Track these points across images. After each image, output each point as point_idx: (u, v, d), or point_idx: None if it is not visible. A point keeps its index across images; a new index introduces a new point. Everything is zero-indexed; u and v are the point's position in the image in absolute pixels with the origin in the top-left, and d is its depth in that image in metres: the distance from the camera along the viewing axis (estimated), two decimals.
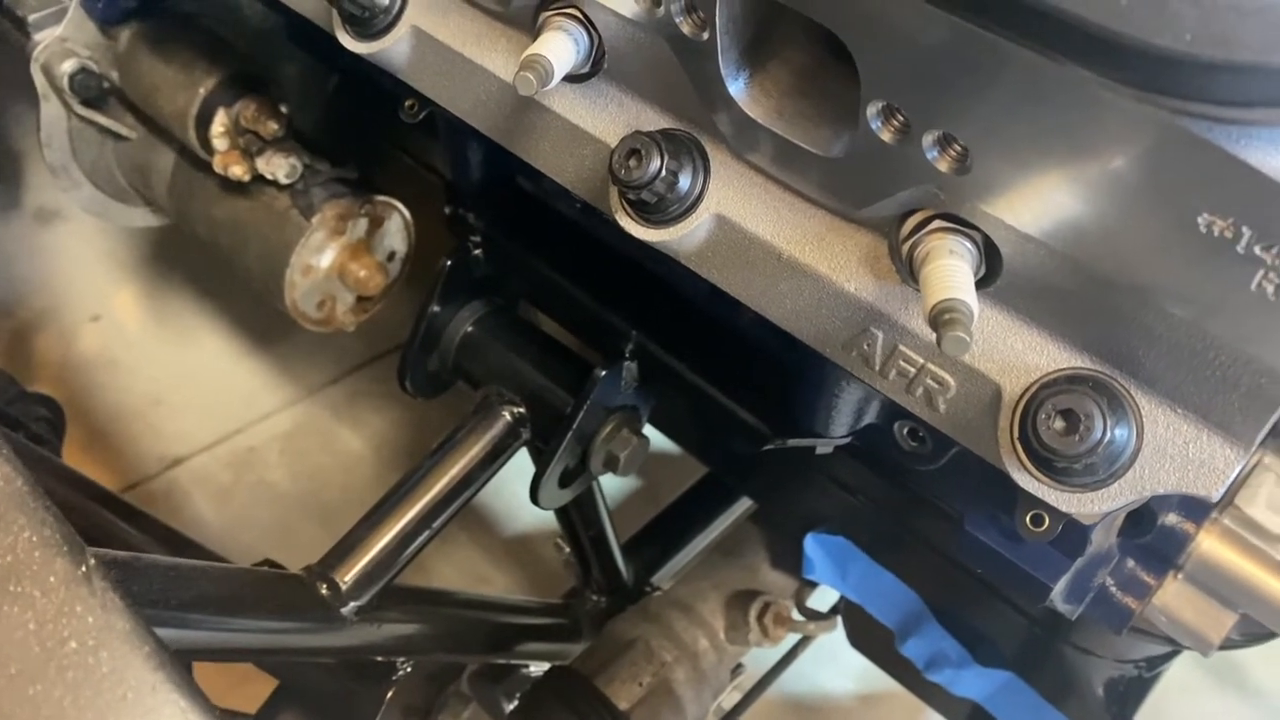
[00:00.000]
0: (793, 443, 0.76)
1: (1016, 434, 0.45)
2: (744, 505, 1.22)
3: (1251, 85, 0.31)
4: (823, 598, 1.11)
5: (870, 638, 1.02)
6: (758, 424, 0.76)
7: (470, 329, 0.88)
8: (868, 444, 0.83)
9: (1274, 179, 0.34)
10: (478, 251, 0.86)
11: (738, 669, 1.10)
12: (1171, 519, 0.71)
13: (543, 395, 0.83)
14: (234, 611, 0.72)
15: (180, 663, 0.38)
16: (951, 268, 0.43)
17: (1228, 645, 0.75)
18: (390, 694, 0.89)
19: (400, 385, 0.89)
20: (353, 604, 0.79)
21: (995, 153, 0.41)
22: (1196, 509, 0.71)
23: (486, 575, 1.54)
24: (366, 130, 1.13)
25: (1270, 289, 0.36)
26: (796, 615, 1.05)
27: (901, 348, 0.49)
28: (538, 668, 1.07)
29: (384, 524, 0.81)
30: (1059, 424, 0.43)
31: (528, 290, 0.88)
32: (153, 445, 1.67)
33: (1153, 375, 0.43)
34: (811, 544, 0.99)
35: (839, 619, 1.06)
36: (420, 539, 0.81)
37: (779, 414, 0.75)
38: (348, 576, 0.79)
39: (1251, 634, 0.77)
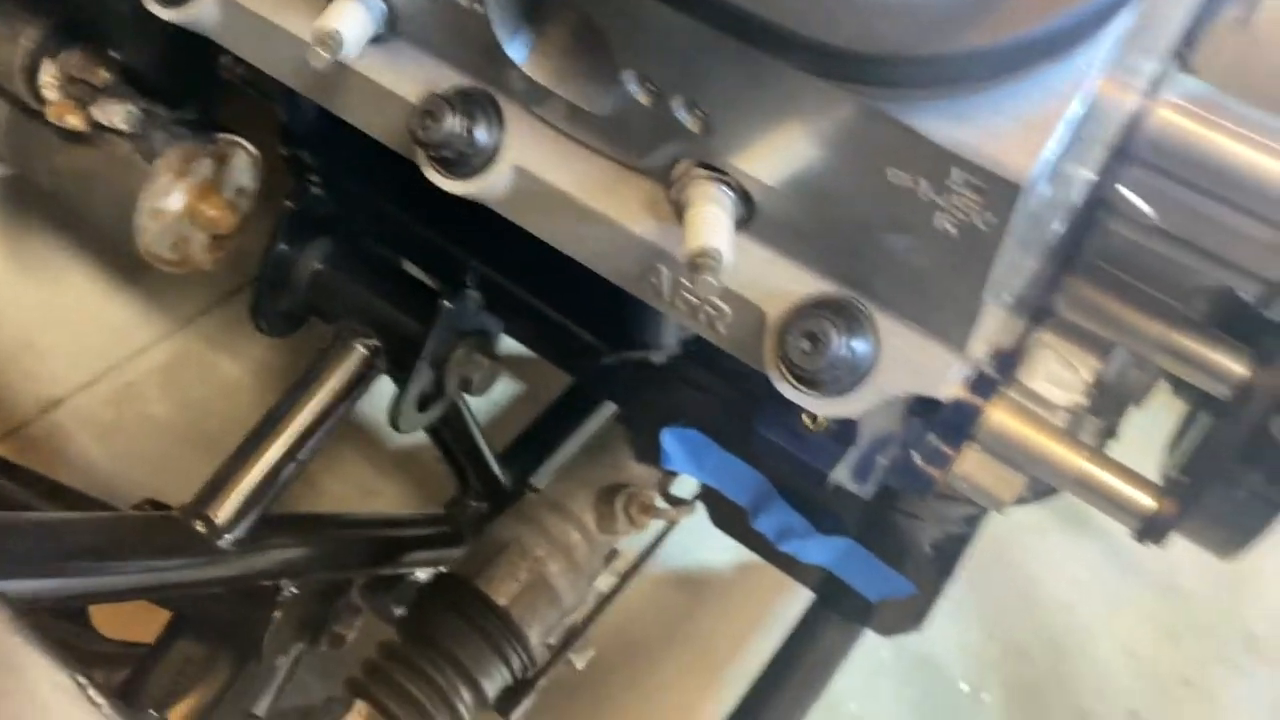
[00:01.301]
0: (628, 355, 0.82)
1: (777, 352, 0.51)
2: (612, 406, 1.29)
3: (902, 72, 0.37)
4: (685, 485, 1.19)
5: (728, 517, 1.11)
6: (594, 340, 0.82)
7: (319, 266, 0.91)
8: (701, 349, 0.90)
9: (931, 140, 0.40)
10: (317, 190, 0.89)
11: (613, 555, 1.18)
12: (963, 396, 0.79)
13: (394, 327, 0.87)
14: (113, 557, 0.77)
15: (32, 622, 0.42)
16: (707, 214, 0.48)
17: (1021, 501, 0.85)
18: (278, 615, 0.95)
19: (255, 325, 0.92)
20: (229, 537, 0.84)
21: (731, 118, 0.46)
22: (985, 386, 0.80)
23: (375, 487, 1.59)
24: (204, 69, 1.12)
25: (949, 226, 0.43)
26: (661, 503, 1.13)
27: (683, 281, 0.55)
28: (426, 574, 1.14)
29: (250, 460, 0.85)
30: (805, 344, 0.49)
31: (370, 226, 0.92)
32: (29, 389, 1.66)
33: (886, 296, 0.50)
34: (668, 438, 1.06)
35: (699, 503, 1.15)
36: (288, 471, 0.86)
37: (612, 331, 0.81)
38: (221, 512, 0.84)
39: (1040, 491, 0.87)
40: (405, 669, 0.99)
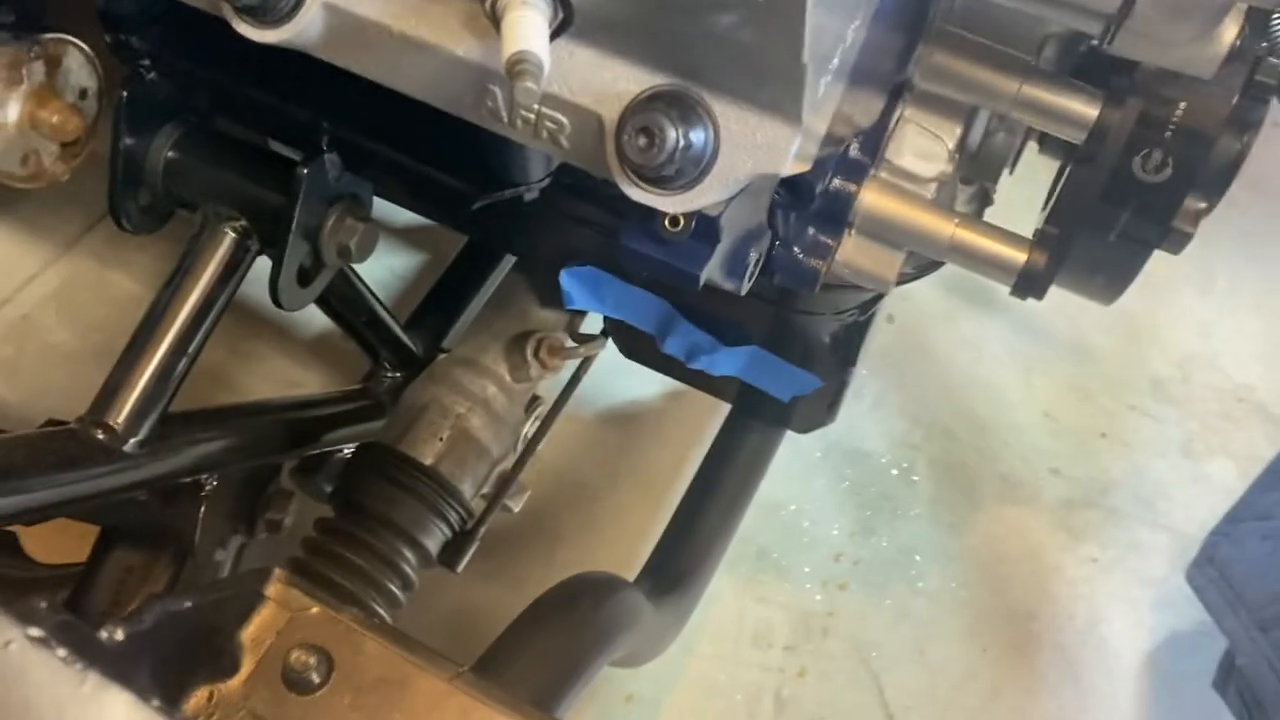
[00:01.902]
0: (499, 195, 0.81)
1: (618, 155, 0.51)
2: (511, 259, 1.28)
3: None
4: (593, 323, 1.20)
5: (638, 346, 1.12)
6: (463, 185, 0.81)
7: (171, 154, 0.88)
8: (577, 179, 0.89)
9: None
10: (152, 75, 0.85)
11: (534, 402, 1.19)
12: (836, 183, 0.80)
13: (259, 203, 0.85)
14: (15, 476, 0.76)
15: None
16: (522, 19, 0.47)
17: (904, 280, 0.88)
18: (203, 510, 0.95)
19: (118, 225, 0.89)
20: (133, 440, 0.83)
21: None
22: (855, 170, 0.80)
23: (297, 379, 1.58)
24: None
25: None
26: (569, 343, 1.14)
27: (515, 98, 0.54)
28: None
29: (140, 361, 0.84)
30: (641, 141, 0.49)
31: (213, 104, 0.88)
32: None
33: (716, 81, 0.50)
34: (566, 278, 1.06)
35: (607, 338, 1.16)
36: (180, 366, 0.85)
37: (475, 172, 0.79)
38: (120, 417, 0.83)
39: (921, 266, 0.89)
40: (344, 541, 1.01)
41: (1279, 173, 1.80)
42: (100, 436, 0.82)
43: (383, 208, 1.35)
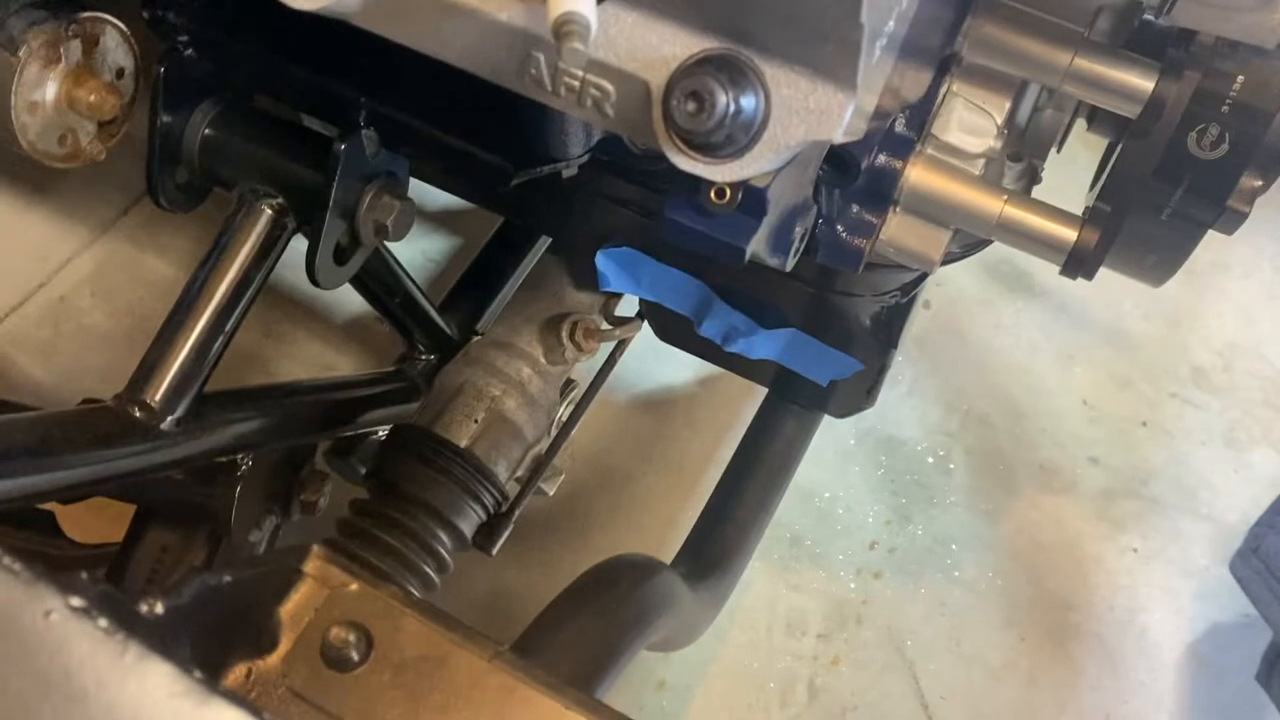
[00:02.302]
0: (537, 172, 0.80)
1: (666, 123, 0.50)
2: (546, 240, 1.27)
3: None
4: (629, 305, 1.19)
5: (674, 329, 1.11)
6: (501, 162, 0.80)
7: (209, 131, 0.87)
8: (616, 156, 0.88)
9: None
10: (189, 51, 0.84)
11: (569, 385, 1.19)
12: (881, 160, 0.78)
13: (296, 180, 0.84)
14: (51, 453, 0.76)
15: None
16: None
17: (950, 259, 0.86)
18: (239, 489, 0.95)
19: (155, 203, 0.89)
20: (170, 418, 0.83)
21: None
22: (901, 146, 0.79)
23: (332, 363, 1.58)
24: None
25: None
26: (605, 325, 1.13)
27: (561, 65, 0.53)
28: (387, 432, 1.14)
29: (177, 339, 0.83)
30: (690, 105, 0.48)
31: (251, 80, 0.88)
32: None
33: (768, 44, 0.48)
34: (602, 259, 1.06)
35: (643, 321, 1.15)
36: (217, 345, 0.85)
37: (514, 147, 0.78)
38: (157, 395, 0.82)
39: (968, 245, 0.87)
40: (380, 522, 1.00)
41: None
42: (137, 414, 0.82)
43: (417, 191, 1.35)
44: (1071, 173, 1.03)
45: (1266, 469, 1.56)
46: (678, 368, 1.58)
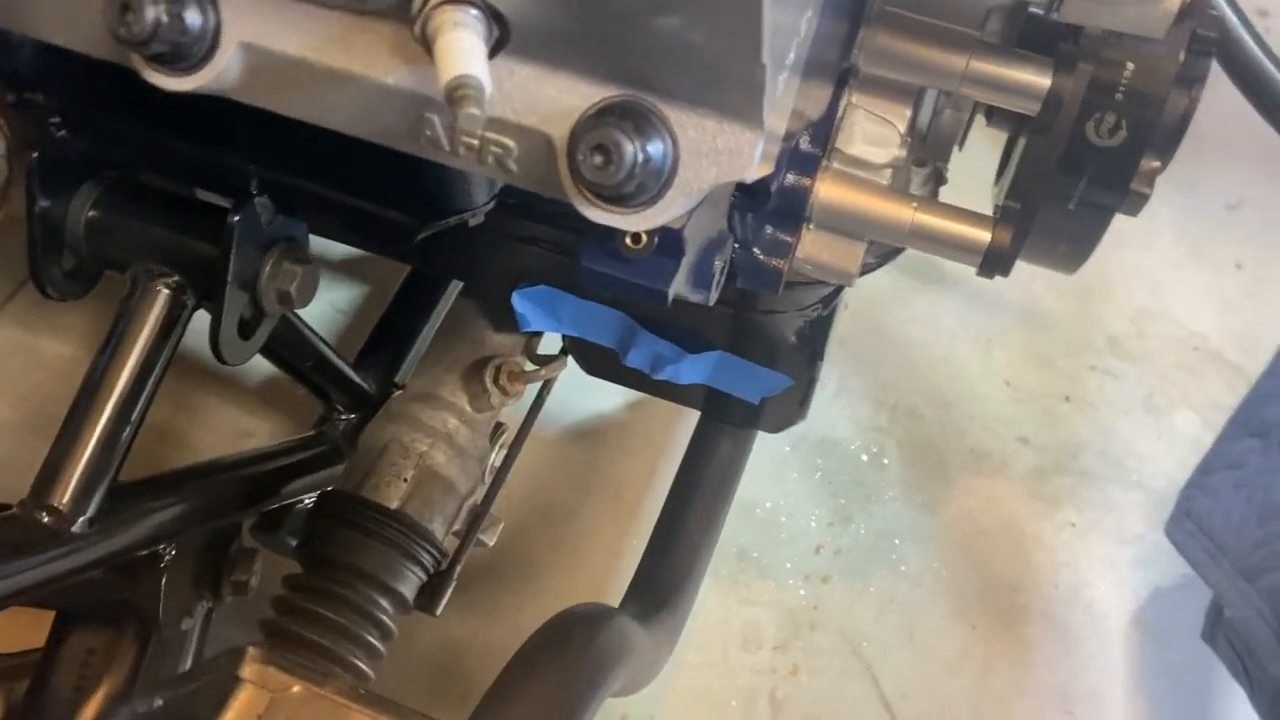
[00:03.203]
0: (443, 224, 0.77)
1: (572, 176, 0.48)
2: (457, 284, 1.24)
3: None
4: (553, 342, 1.16)
5: (600, 362, 1.09)
6: (403, 218, 0.77)
7: (92, 214, 0.83)
8: (521, 198, 0.86)
9: None
10: (64, 133, 0.80)
11: (498, 430, 1.16)
12: (789, 180, 0.78)
13: (191, 256, 0.81)
14: None
15: None
16: (455, 41, 0.44)
17: (867, 270, 0.86)
18: (164, 581, 0.90)
19: (42, 293, 0.84)
20: (81, 519, 0.78)
21: None
22: (808, 163, 0.78)
23: (249, 429, 1.53)
24: None
25: None
26: (529, 366, 1.11)
27: (458, 125, 0.51)
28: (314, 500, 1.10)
29: (81, 436, 0.79)
30: (597, 159, 0.46)
31: (133, 158, 0.84)
32: None
33: (669, 89, 0.47)
34: (519, 300, 1.03)
35: (567, 357, 1.13)
36: (124, 436, 0.81)
37: (418, 202, 0.76)
38: (65, 497, 0.78)
39: (883, 254, 0.87)
40: (316, 597, 0.96)
41: (1210, 123, 1.82)
42: (45, 519, 0.77)
43: (319, 242, 1.31)
44: (970, 161, 1.04)
45: (1188, 430, 1.60)
46: (606, 395, 1.56)
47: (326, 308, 1.60)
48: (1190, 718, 1.41)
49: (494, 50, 0.48)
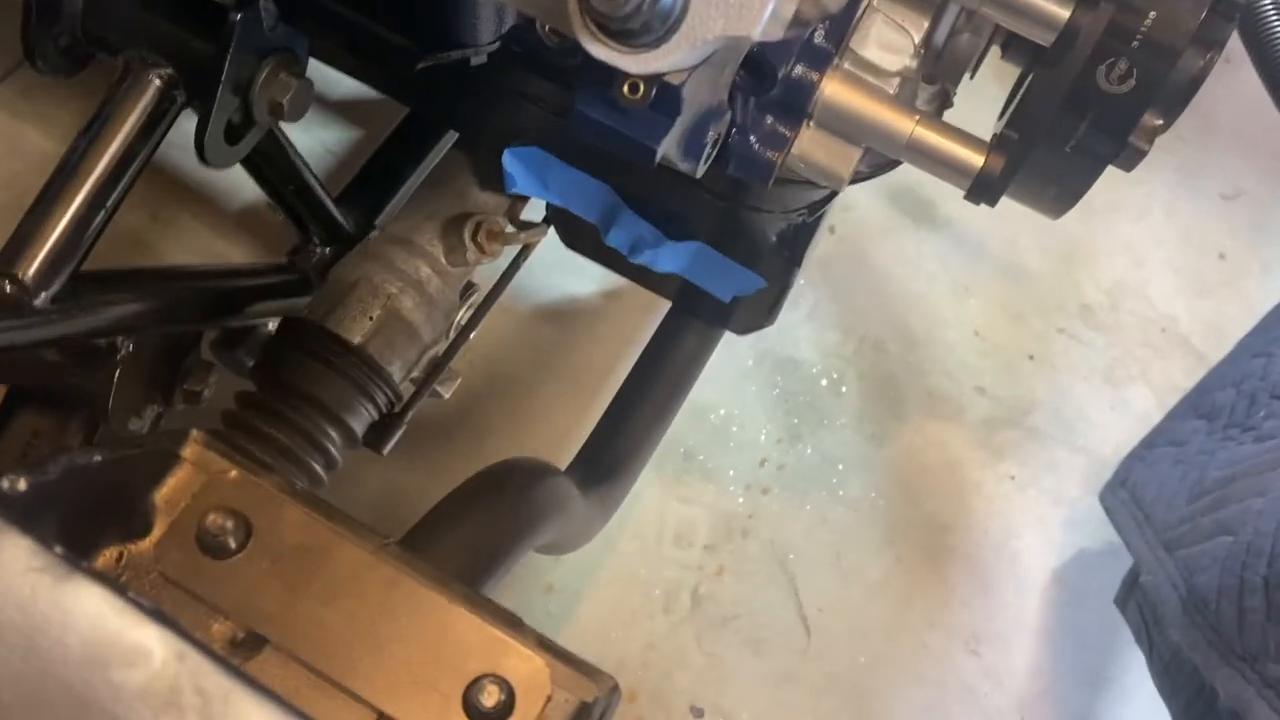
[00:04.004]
0: (444, 57, 0.77)
1: (580, 4, 0.48)
2: (453, 135, 1.23)
3: None
4: (536, 210, 1.16)
5: (580, 237, 1.10)
6: (406, 43, 0.76)
7: None
8: (528, 49, 0.85)
9: None
10: None
11: (469, 289, 1.16)
12: (798, 71, 0.77)
13: (187, 51, 0.79)
14: None
15: None
16: None
17: (858, 179, 0.86)
18: (118, 373, 0.91)
19: (31, 64, 0.83)
20: (44, 294, 0.79)
21: None
22: (818, 59, 0.78)
23: (220, 252, 1.53)
24: None
25: None
26: (510, 228, 1.11)
27: None
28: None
29: (53, 213, 0.79)
30: None
31: None
32: None
33: None
34: (509, 158, 1.03)
35: (549, 227, 1.13)
36: (97, 220, 0.80)
37: (423, 29, 0.75)
38: (30, 270, 0.78)
39: (876, 165, 0.87)
40: (266, 415, 0.98)
41: (1223, 109, 1.82)
42: (8, 289, 0.77)
43: (318, 77, 1.29)
44: (979, 104, 1.04)
45: (1141, 406, 1.63)
46: (583, 279, 1.57)
47: (318, 145, 1.59)
48: (1089, 674, 1.46)
49: None
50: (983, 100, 1.02)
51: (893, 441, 1.56)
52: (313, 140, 1.59)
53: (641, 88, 0.54)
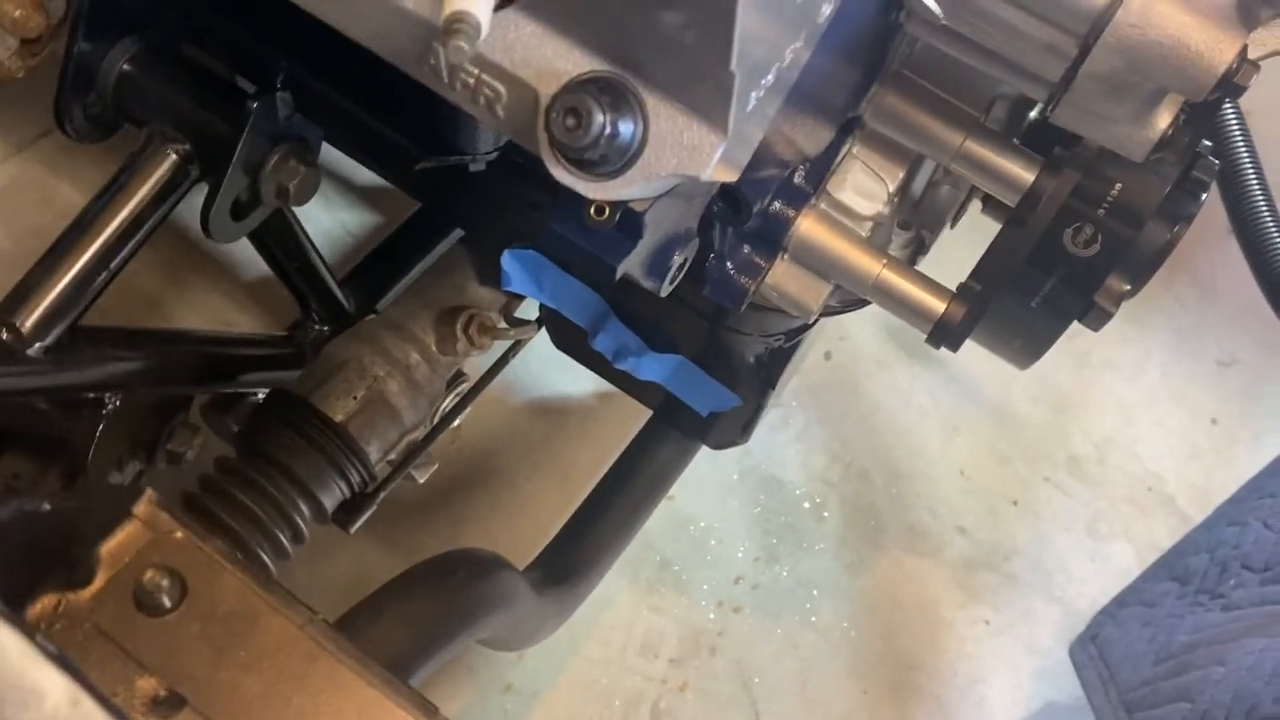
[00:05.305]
0: (442, 160, 0.81)
1: (546, 133, 0.52)
2: (460, 232, 1.28)
3: None
4: (530, 310, 1.20)
5: (570, 338, 1.13)
6: (406, 143, 0.81)
7: (127, 67, 0.87)
8: (529, 160, 0.90)
9: None
10: None
11: (458, 377, 1.19)
12: (775, 207, 0.81)
13: (205, 130, 0.85)
14: None
15: None
16: None
17: (828, 312, 0.89)
18: (102, 427, 0.94)
19: (60, 128, 0.88)
20: (38, 344, 0.82)
21: None
22: (796, 197, 0.81)
23: (231, 319, 1.57)
24: None
25: None
26: (502, 324, 1.15)
27: (448, 60, 0.54)
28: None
29: (58, 267, 0.83)
30: (569, 121, 0.50)
31: (176, 24, 0.88)
32: None
33: (654, 75, 0.50)
34: (507, 258, 1.07)
35: (540, 327, 1.16)
36: (100, 279, 0.84)
37: (424, 133, 0.80)
38: (28, 320, 0.82)
39: (846, 301, 0.91)
40: (239, 483, 1.00)
41: (1224, 277, 1.85)
42: (4, 336, 0.81)
43: (346, 164, 1.34)
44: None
45: (1121, 562, 1.62)
46: (578, 378, 1.59)
47: (338, 226, 1.64)
48: None
49: (506, 2, 0.51)
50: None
51: (869, 572, 1.56)
52: (334, 221, 1.64)
53: (607, 211, 0.57)
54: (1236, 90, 0.56)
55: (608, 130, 0.50)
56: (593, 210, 0.58)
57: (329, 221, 1.65)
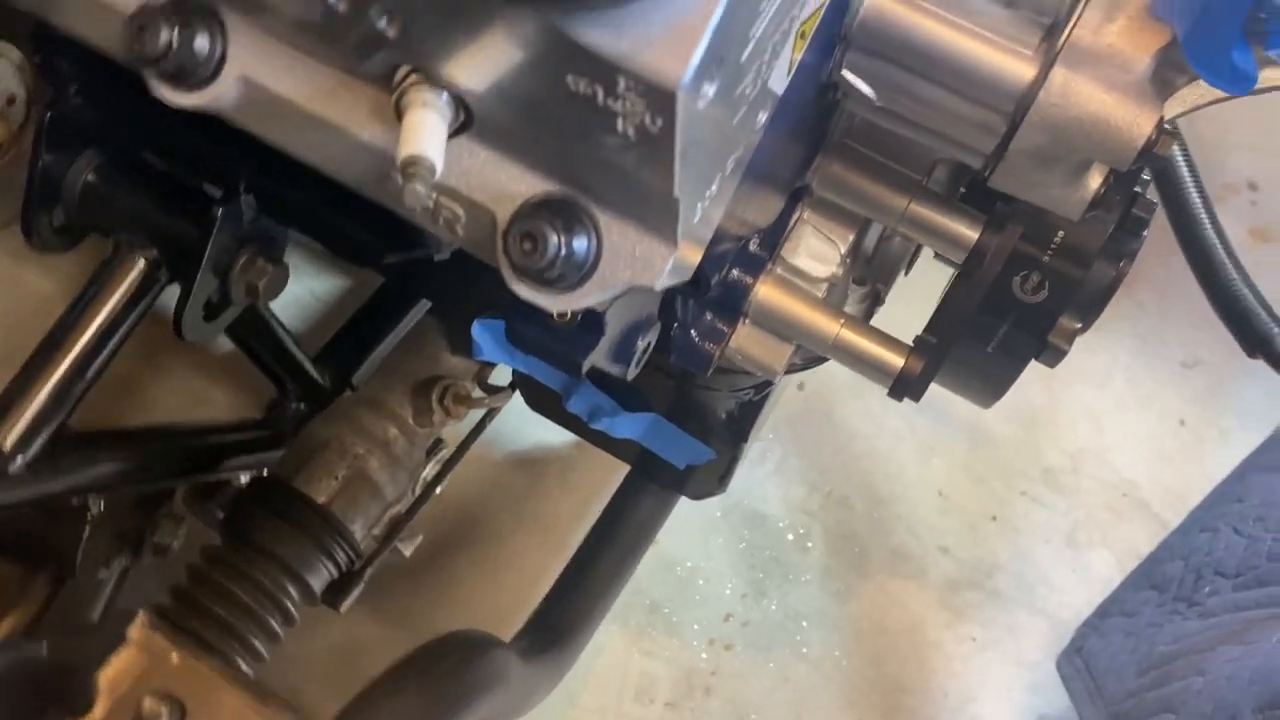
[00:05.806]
0: (408, 253, 0.83)
1: (506, 255, 0.54)
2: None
3: None
4: (503, 373, 1.22)
5: (543, 401, 1.15)
6: (372, 240, 0.83)
7: (90, 179, 0.88)
8: None
9: (595, 51, 0.43)
10: (78, 100, 0.86)
11: (437, 445, 1.21)
12: (734, 275, 0.84)
13: (171, 237, 0.86)
14: None
15: None
16: (420, 120, 0.50)
17: (792, 369, 0.91)
18: (88, 531, 0.95)
19: (29, 242, 0.89)
20: (20, 460, 0.83)
21: (425, 28, 0.47)
22: (753, 264, 0.84)
23: (207, 396, 1.57)
24: None
25: (629, 130, 0.46)
26: (477, 392, 1.16)
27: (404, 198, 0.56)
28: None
29: (35, 383, 0.84)
30: (526, 245, 0.52)
31: (138, 135, 0.89)
32: None
33: (603, 195, 0.53)
34: (477, 328, 1.08)
35: (514, 391, 1.18)
36: (76, 389, 0.85)
37: (387, 231, 0.82)
38: (9, 438, 0.83)
39: (808, 359, 0.93)
40: (227, 572, 1.01)
41: (1185, 281, 1.89)
42: None
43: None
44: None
45: (1102, 570, 1.65)
46: (555, 429, 1.61)
47: (306, 293, 1.65)
48: None
49: (459, 130, 0.54)
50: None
51: (856, 599, 1.58)
52: (302, 289, 1.65)
53: (569, 313, 0.60)
54: (1157, 160, 0.59)
55: (563, 251, 0.52)
56: (555, 313, 0.60)
57: (297, 289, 1.66)
